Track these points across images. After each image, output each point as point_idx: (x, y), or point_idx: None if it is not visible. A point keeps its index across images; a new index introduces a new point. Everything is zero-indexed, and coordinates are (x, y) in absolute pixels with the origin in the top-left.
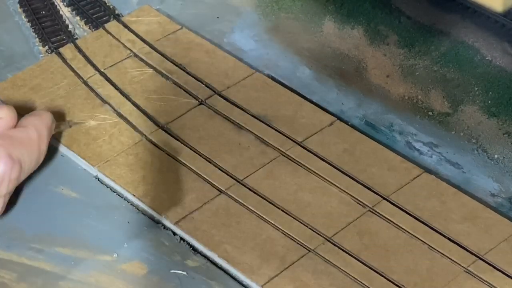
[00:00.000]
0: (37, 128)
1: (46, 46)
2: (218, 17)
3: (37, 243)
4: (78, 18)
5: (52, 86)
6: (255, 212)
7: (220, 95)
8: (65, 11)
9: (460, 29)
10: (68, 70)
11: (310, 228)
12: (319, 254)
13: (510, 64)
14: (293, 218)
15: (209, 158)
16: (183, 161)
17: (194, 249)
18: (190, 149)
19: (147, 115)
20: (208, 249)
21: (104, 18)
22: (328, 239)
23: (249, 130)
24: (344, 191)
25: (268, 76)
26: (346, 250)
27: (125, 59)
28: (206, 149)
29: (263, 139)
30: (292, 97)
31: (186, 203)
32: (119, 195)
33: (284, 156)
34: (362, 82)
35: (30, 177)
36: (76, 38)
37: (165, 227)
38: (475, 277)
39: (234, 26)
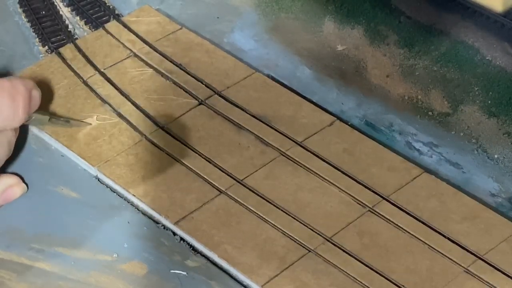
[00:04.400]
0: (12, 80)
1: (46, 46)
2: (218, 17)
3: (37, 243)
4: (78, 18)
5: (52, 86)
6: (255, 212)
7: (220, 95)
8: (65, 11)
9: (460, 29)
10: (68, 70)
11: (310, 228)
12: (319, 254)
13: (510, 64)
14: (293, 218)
15: (209, 158)
16: (183, 161)
17: (194, 249)
18: (190, 149)
19: (147, 115)
20: (208, 249)
21: (104, 18)
22: (328, 239)
23: (249, 130)
24: (344, 191)
25: (268, 76)
26: (346, 250)
27: (125, 59)
28: (206, 149)
29: (263, 139)
30: (292, 97)
31: (186, 203)
32: (119, 195)
33: (284, 156)
34: (362, 82)
35: (30, 177)
36: (76, 38)
37: (165, 227)
38: (475, 277)
39: (234, 26)
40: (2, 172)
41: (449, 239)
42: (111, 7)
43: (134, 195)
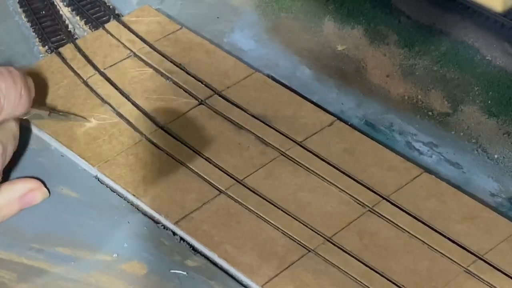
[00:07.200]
0: (7, 67)
1: (46, 46)
2: (218, 17)
3: (37, 243)
4: (78, 18)
5: (52, 86)
6: (255, 212)
7: (220, 95)
8: (65, 11)
9: (460, 29)
10: (68, 70)
11: (310, 228)
12: (319, 254)
13: (510, 64)
14: (293, 218)
15: (209, 158)
16: (183, 161)
17: (194, 249)
18: (190, 149)
19: (147, 115)
20: (208, 249)
21: (104, 18)
22: (328, 239)
23: (249, 130)
24: (344, 191)
25: (268, 76)
26: (346, 250)
27: (125, 59)
28: (206, 149)
29: (263, 139)
30: (292, 97)
31: (186, 203)
32: (119, 195)
33: (284, 156)
34: (362, 82)
35: (30, 177)
36: (76, 38)
37: (165, 227)
38: (475, 277)
39: (234, 26)
40: (7, 169)
41: (449, 239)
42: (111, 7)
43: (134, 195)
